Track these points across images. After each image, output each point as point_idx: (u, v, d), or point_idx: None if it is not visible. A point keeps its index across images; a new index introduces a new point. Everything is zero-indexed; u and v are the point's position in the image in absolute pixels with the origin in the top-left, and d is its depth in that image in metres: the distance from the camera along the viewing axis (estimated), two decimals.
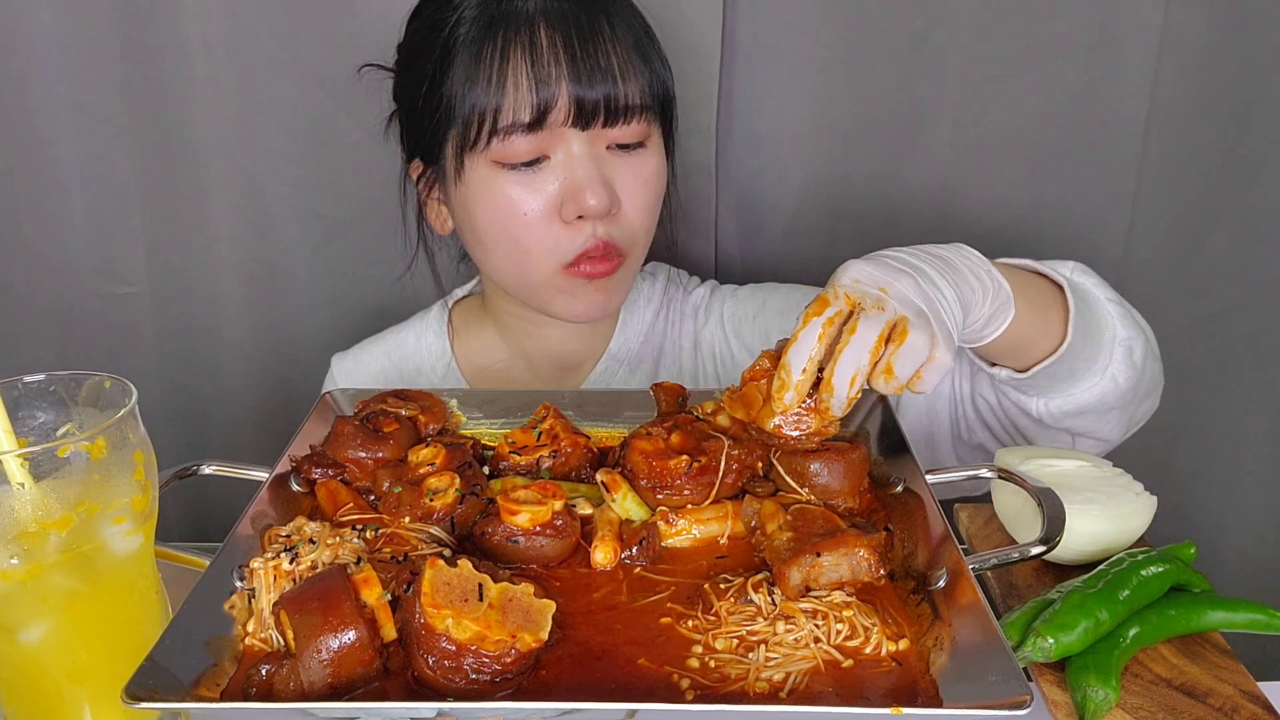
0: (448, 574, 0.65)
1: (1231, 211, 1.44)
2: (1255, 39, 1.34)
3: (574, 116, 1.03)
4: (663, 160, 1.13)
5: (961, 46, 1.34)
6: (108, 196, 1.42)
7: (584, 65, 1.02)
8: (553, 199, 1.05)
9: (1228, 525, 1.61)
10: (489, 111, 1.03)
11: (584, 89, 1.02)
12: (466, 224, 1.12)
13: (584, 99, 1.03)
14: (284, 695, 0.63)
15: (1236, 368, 1.53)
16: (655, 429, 0.86)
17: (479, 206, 1.08)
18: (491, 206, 1.07)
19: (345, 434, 0.87)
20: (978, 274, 0.86)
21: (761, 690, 0.63)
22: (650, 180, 1.10)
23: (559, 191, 1.05)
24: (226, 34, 1.33)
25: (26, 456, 0.68)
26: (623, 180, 1.08)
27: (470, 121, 1.04)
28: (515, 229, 1.07)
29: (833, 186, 1.41)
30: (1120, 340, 0.99)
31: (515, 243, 1.08)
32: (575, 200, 1.04)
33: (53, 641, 0.71)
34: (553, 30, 1.02)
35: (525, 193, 1.05)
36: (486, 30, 1.03)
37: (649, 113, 1.08)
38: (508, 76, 1.02)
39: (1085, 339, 0.96)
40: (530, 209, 1.06)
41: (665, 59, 1.12)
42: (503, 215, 1.07)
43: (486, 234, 1.10)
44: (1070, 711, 0.73)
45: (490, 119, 1.03)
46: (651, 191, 1.11)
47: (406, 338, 1.31)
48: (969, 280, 0.84)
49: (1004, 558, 0.77)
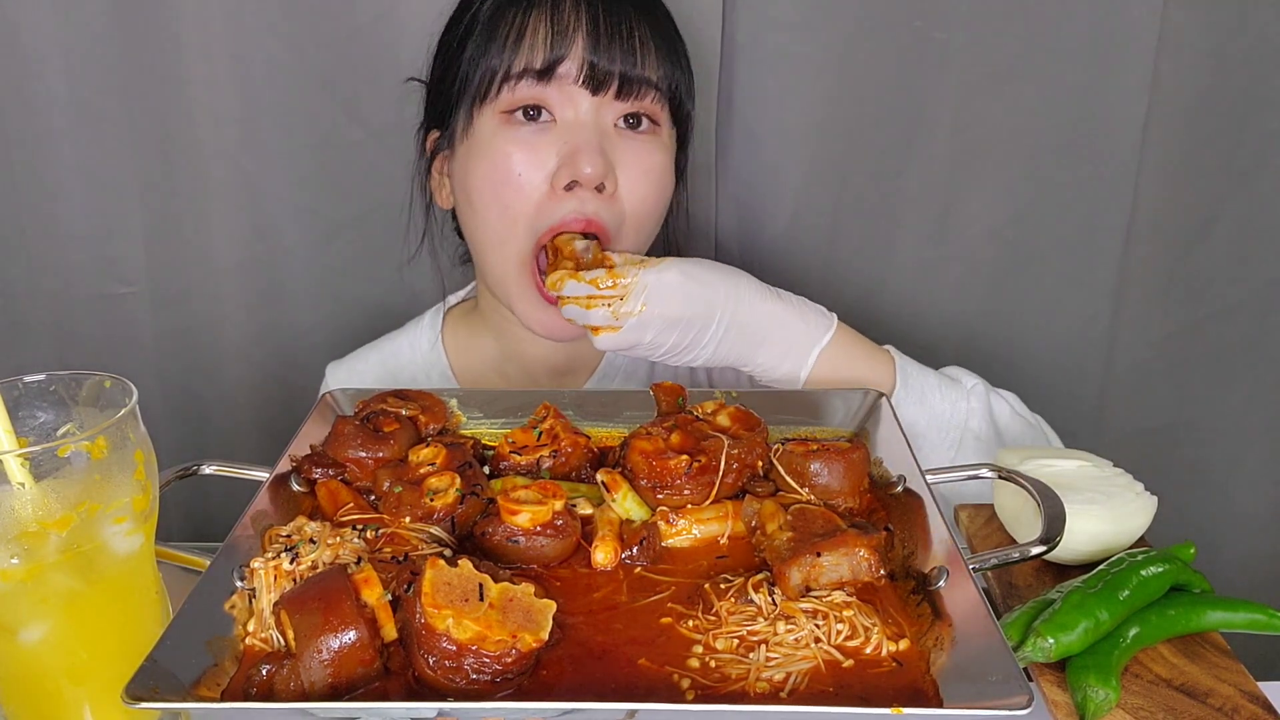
0: (448, 574, 0.65)
1: (1231, 211, 1.44)
2: (1255, 39, 1.34)
3: (586, 76, 1.04)
4: (669, 163, 1.13)
5: (961, 46, 1.34)
6: (108, 196, 1.41)
7: (604, 32, 1.04)
8: (550, 169, 1.06)
9: (1228, 525, 1.61)
10: (502, 65, 1.05)
11: (599, 56, 1.04)
12: (462, 188, 1.12)
13: (597, 64, 1.04)
14: (284, 695, 0.63)
15: (1236, 367, 1.53)
16: (655, 429, 0.86)
17: (477, 164, 1.08)
18: (488, 163, 1.07)
19: (345, 434, 0.87)
20: (778, 350, 1.03)
21: (762, 690, 0.63)
22: (652, 172, 1.10)
23: (557, 162, 1.05)
24: (226, 34, 1.33)
25: (27, 456, 0.68)
26: (625, 162, 1.08)
27: (484, 77, 1.06)
28: (506, 193, 1.07)
29: (833, 186, 1.41)
30: None
31: (504, 209, 1.08)
32: (571, 164, 1.04)
33: (53, 641, 0.71)
34: (579, 4, 1.05)
35: (524, 154, 1.06)
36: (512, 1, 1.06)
37: (661, 96, 1.09)
38: (525, 34, 1.05)
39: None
40: (524, 170, 1.06)
41: (691, 73, 1.14)
42: (497, 174, 1.07)
43: (479, 196, 1.09)
44: (1070, 711, 0.73)
45: (503, 70, 1.05)
46: (652, 183, 1.10)
47: (400, 345, 1.31)
48: (756, 355, 1.03)
49: (1004, 558, 0.78)
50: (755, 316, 1.01)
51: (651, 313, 0.98)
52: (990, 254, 1.46)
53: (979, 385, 1.09)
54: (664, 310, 0.98)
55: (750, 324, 1.01)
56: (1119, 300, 1.47)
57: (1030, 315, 1.49)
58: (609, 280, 1.00)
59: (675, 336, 1.00)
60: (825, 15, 1.32)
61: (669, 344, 1.00)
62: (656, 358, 1.03)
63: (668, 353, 1.02)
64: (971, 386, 1.08)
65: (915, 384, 1.06)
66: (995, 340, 1.50)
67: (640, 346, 1.01)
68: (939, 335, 1.49)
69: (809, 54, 1.34)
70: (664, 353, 1.02)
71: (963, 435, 1.06)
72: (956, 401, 1.06)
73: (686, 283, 0.99)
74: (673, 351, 1.02)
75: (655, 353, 1.02)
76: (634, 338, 1.00)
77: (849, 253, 1.45)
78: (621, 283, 0.99)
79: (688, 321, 0.99)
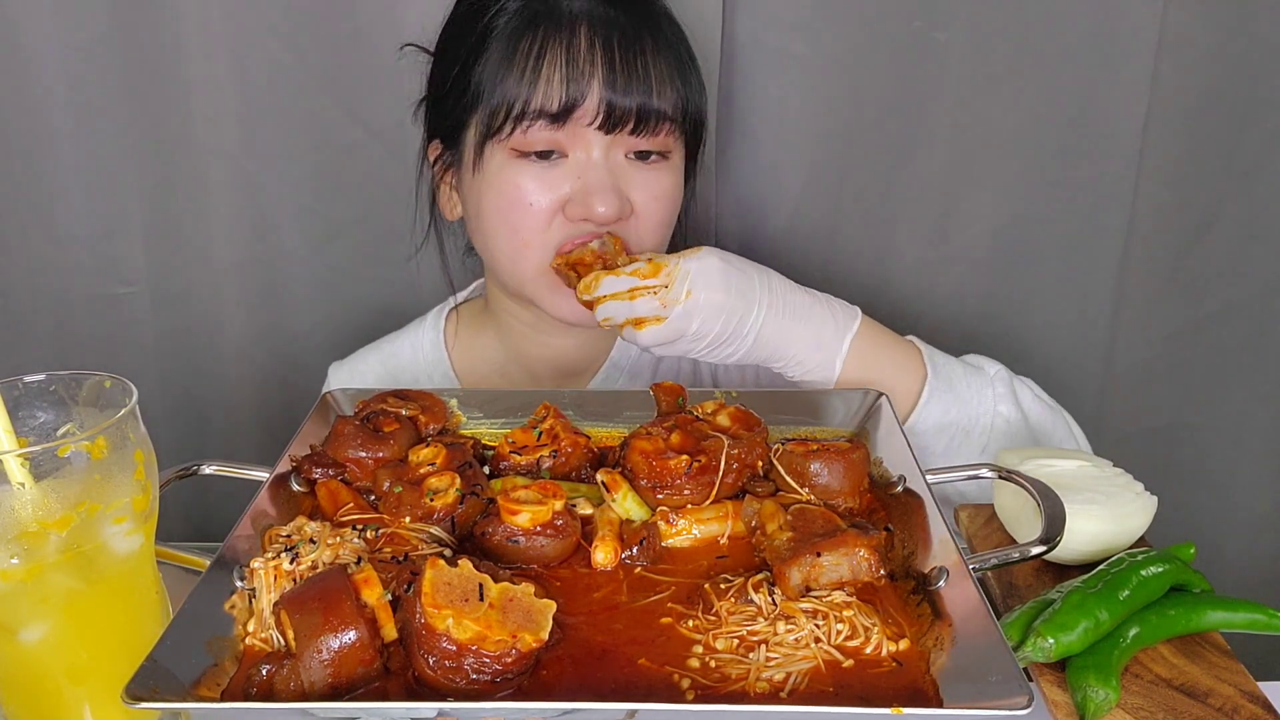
0: (448, 574, 0.65)
1: (1231, 211, 1.44)
2: (1255, 39, 1.34)
3: (601, 119, 1.03)
4: (680, 180, 1.13)
5: (961, 47, 1.34)
6: (108, 196, 1.41)
7: (620, 71, 1.03)
8: (562, 192, 1.06)
9: (1228, 525, 1.61)
10: (517, 100, 1.03)
11: (616, 94, 1.03)
12: (474, 210, 1.12)
13: (615, 104, 1.03)
14: (284, 695, 0.63)
15: (1236, 368, 1.53)
16: (655, 429, 0.86)
17: (489, 193, 1.08)
18: (500, 194, 1.07)
19: (345, 434, 0.87)
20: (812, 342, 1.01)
21: (762, 690, 0.63)
22: (664, 197, 1.10)
23: (570, 193, 1.05)
24: (227, 34, 1.33)
25: (27, 456, 0.68)
26: (636, 192, 1.08)
27: (498, 109, 1.05)
28: (517, 219, 1.07)
29: (833, 186, 1.41)
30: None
31: (514, 233, 1.08)
32: (584, 204, 1.05)
33: (53, 641, 0.71)
34: (593, 33, 1.03)
35: (537, 186, 1.06)
36: (528, 24, 1.04)
37: (675, 127, 1.09)
38: (541, 70, 1.03)
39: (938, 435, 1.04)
40: (537, 202, 1.06)
41: (703, 84, 1.13)
42: (508, 204, 1.07)
43: (489, 221, 1.10)
44: (1070, 711, 0.73)
45: (519, 107, 1.04)
46: (664, 208, 1.11)
47: (402, 346, 1.30)
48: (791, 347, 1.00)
49: (1004, 558, 0.78)
50: (789, 305, 1.00)
51: (698, 299, 0.95)
52: (990, 254, 1.46)
53: (1002, 371, 1.09)
54: (709, 296, 0.96)
55: (784, 312, 0.99)
56: (1119, 300, 1.47)
57: (1030, 315, 1.49)
58: (650, 270, 0.97)
59: (720, 324, 0.97)
60: (825, 15, 1.32)
61: (714, 333, 0.97)
62: (699, 351, 1.00)
63: (710, 344, 0.98)
64: (995, 373, 1.08)
65: (944, 371, 1.06)
66: (995, 340, 1.50)
67: (684, 337, 0.98)
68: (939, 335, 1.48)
69: (809, 54, 1.34)
70: (707, 345, 0.98)
71: (993, 421, 1.05)
72: (983, 388, 1.06)
73: (727, 268, 0.97)
74: (715, 343, 0.98)
75: (698, 345, 0.99)
76: (680, 326, 0.96)
77: (849, 253, 1.45)
78: (665, 270, 0.97)
79: (731, 308, 0.96)
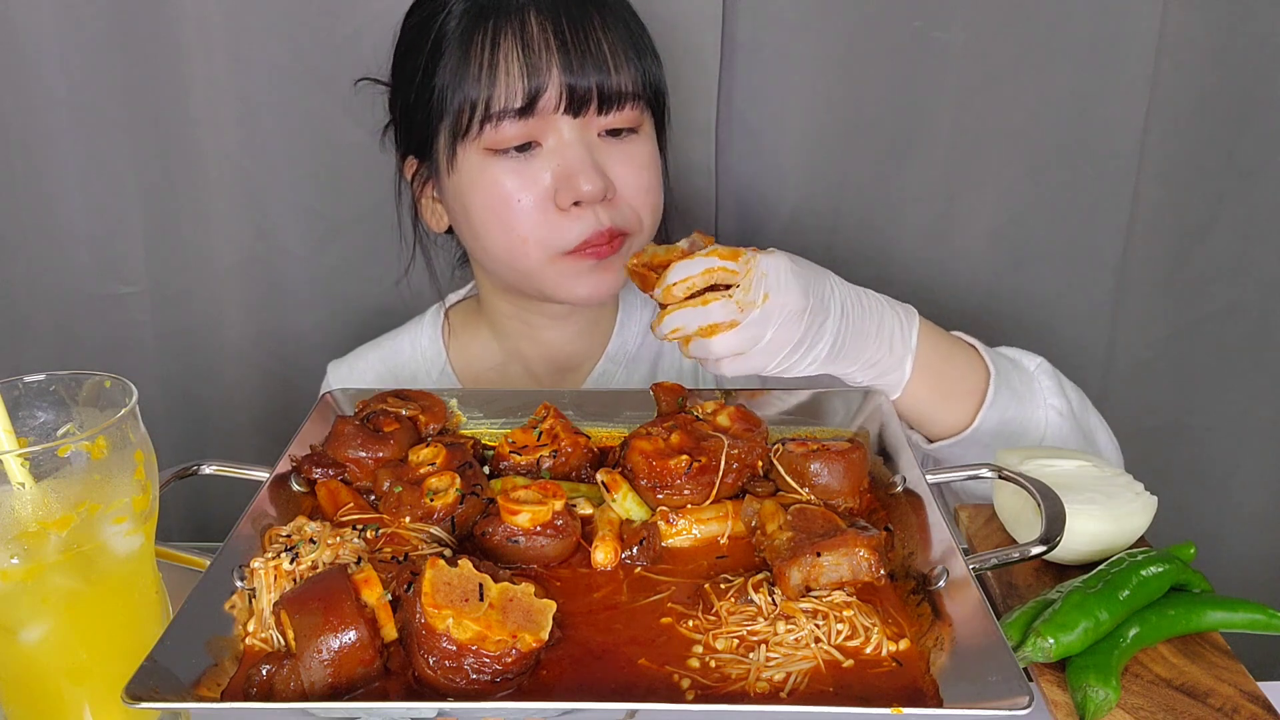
0: (448, 574, 0.65)
1: (1231, 211, 1.44)
2: (1255, 39, 1.34)
3: (565, 104, 1.03)
4: (655, 148, 1.13)
5: (961, 47, 1.34)
6: (108, 196, 1.41)
7: (575, 53, 1.02)
8: (546, 188, 1.05)
9: (1228, 525, 1.61)
10: (480, 99, 1.03)
11: (575, 77, 1.03)
12: (461, 215, 1.12)
13: (575, 86, 1.03)
14: (284, 695, 0.63)
15: (1236, 368, 1.53)
16: (655, 429, 0.86)
17: (472, 195, 1.08)
18: (484, 195, 1.07)
19: (345, 434, 0.87)
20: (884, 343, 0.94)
21: (762, 690, 0.63)
22: (645, 165, 1.10)
23: (552, 180, 1.05)
24: (226, 34, 1.33)
25: (27, 456, 0.68)
26: (616, 166, 1.07)
27: (462, 110, 1.04)
28: (509, 217, 1.06)
29: (833, 186, 1.41)
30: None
31: (509, 231, 1.07)
32: (569, 186, 1.04)
33: (53, 641, 0.71)
34: (543, 18, 1.03)
35: (518, 182, 1.05)
36: (476, 20, 1.04)
37: (640, 101, 1.08)
38: (499, 64, 1.02)
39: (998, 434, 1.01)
40: (524, 198, 1.05)
41: (656, 52, 1.12)
42: (496, 204, 1.06)
43: (481, 223, 1.09)
44: (1070, 711, 0.73)
45: (482, 107, 1.03)
46: (647, 174, 1.10)
47: (401, 344, 1.30)
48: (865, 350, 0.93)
49: (1004, 558, 0.77)
50: (860, 305, 0.93)
51: (774, 303, 0.85)
52: (990, 253, 1.46)
53: (1044, 364, 1.07)
54: (785, 300, 0.86)
55: (857, 314, 0.92)
56: (1119, 300, 1.47)
57: (1030, 315, 1.49)
58: (728, 253, 0.87)
59: (798, 332, 0.87)
60: (825, 15, 1.32)
61: (791, 341, 0.87)
62: (773, 366, 0.90)
63: (786, 357, 0.89)
64: (1037, 366, 1.06)
65: (1001, 366, 1.03)
66: (995, 340, 1.49)
67: (757, 349, 0.87)
68: None
69: (809, 54, 1.34)
70: (780, 359, 0.89)
71: (1046, 415, 1.03)
72: (1029, 381, 1.04)
73: (800, 269, 0.88)
74: (792, 355, 0.89)
75: (772, 360, 0.89)
76: (755, 333, 0.86)
77: (849, 253, 1.45)
78: (743, 257, 0.86)
79: (810, 313, 0.87)
